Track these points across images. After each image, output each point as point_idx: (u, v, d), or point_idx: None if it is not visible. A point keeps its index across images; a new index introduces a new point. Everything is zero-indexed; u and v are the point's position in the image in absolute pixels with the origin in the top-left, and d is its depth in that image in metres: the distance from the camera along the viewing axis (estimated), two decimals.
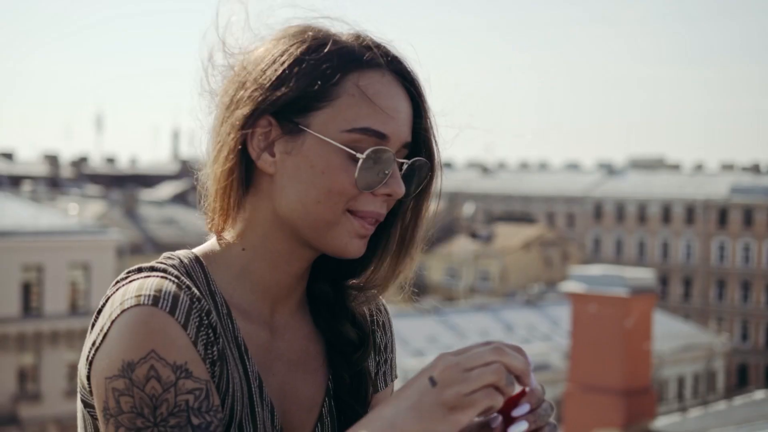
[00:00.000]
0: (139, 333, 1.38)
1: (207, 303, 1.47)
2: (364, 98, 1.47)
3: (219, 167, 1.51)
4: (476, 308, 50.07)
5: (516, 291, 63.39)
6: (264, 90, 1.48)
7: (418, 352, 41.82)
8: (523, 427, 1.36)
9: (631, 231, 79.34)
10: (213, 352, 1.44)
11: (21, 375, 37.94)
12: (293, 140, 1.48)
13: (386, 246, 1.59)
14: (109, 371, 1.38)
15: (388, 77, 1.50)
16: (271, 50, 1.51)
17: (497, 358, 1.28)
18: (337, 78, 1.47)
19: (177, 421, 1.35)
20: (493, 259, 69.71)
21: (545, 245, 72.13)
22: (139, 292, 1.41)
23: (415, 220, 1.59)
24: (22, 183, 61.79)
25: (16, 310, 37.86)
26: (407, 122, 1.51)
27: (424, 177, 1.55)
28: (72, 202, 53.13)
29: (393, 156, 1.48)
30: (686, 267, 76.43)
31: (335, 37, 1.52)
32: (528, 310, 50.82)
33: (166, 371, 1.36)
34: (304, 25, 1.53)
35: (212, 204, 1.55)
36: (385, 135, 1.47)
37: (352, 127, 1.46)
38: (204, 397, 1.38)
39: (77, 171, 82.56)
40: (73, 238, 39.77)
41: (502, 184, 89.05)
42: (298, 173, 1.47)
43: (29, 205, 43.05)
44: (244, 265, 1.54)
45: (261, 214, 1.52)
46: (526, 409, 1.37)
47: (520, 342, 40.42)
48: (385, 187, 1.48)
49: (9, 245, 37.71)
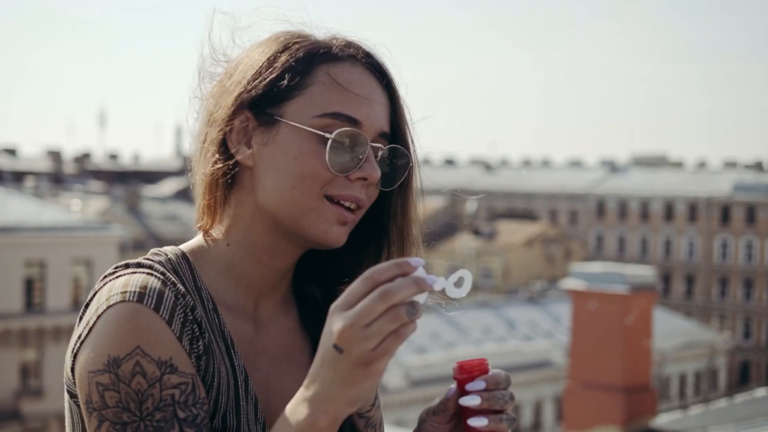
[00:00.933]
0: (124, 329, 1.40)
1: (192, 299, 1.49)
2: (335, 85, 1.51)
3: (204, 166, 1.56)
4: (478, 305, 50.05)
5: (518, 288, 63.43)
6: (241, 87, 1.53)
7: (421, 349, 41.84)
8: (474, 401, 1.42)
9: (633, 228, 79.31)
10: (198, 346, 1.46)
11: (23, 371, 37.98)
12: (269, 131, 1.51)
13: (379, 246, 1.62)
14: (93, 365, 1.41)
15: (360, 68, 1.54)
16: (250, 53, 1.57)
17: (387, 303, 1.26)
18: (308, 68, 1.51)
19: (163, 415, 1.38)
20: (496, 257, 69.74)
21: (548, 242, 72.14)
22: (125, 288, 1.44)
23: (405, 218, 1.62)
24: (25, 179, 61.85)
25: (19, 305, 37.90)
26: (382, 112, 1.54)
27: (404, 168, 1.58)
28: (75, 198, 53.19)
29: (366, 139, 1.50)
30: (689, 264, 76.40)
31: (308, 35, 1.57)
32: (530, 308, 50.84)
33: (152, 367, 1.39)
34: (283, 31, 1.58)
35: (201, 202, 1.58)
36: (357, 120, 1.50)
37: (324, 112, 1.49)
38: (190, 390, 1.41)
39: (80, 167, 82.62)
40: (75, 234, 39.80)
41: (505, 181, 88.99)
42: (273, 162, 1.51)
43: (32, 201, 43.06)
44: (228, 260, 1.57)
45: (244, 209, 1.55)
46: (481, 386, 1.43)
47: (523, 340, 40.28)
48: (360, 170, 1.50)
49: (12, 241, 37.74)
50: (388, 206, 1.61)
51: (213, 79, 1.60)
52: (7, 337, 37.37)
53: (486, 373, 1.45)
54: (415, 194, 1.63)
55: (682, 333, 51.52)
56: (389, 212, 1.62)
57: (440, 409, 1.51)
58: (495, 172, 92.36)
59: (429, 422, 1.53)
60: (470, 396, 1.43)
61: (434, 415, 1.52)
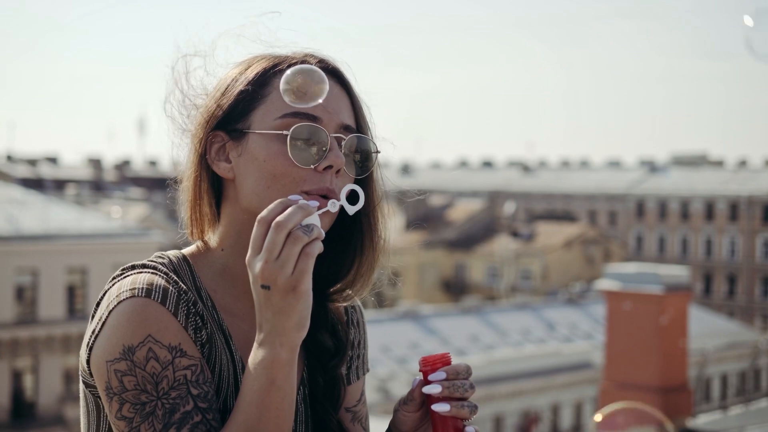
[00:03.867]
0: (135, 321, 1.57)
1: (193, 295, 1.66)
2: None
3: (188, 184, 1.74)
4: (518, 307, 49.91)
5: (557, 289, 63.14)
6: (212, 112, 1.70)
7: (460, 351, 41.80)
8: (436, 389, 1.57)
9: (673, 228, 78.75)
10: (202, 335, 1.63)
11: (66, 376, 38.39)
12: (241, 143, 1.67)
13: (359, 251, 1.76)
14: (110, 355, 1.57)
15: (317, 72, 1.64)
16: (221, 79, 1.74)
17: (284, 231, 1.48)
18: (266, 78, 1.67)
19: (178, 393, 1.55)
20: (535, 258, 69.53)
21: (587, 243, 71.79)
22: (134, 285, 1.61)
23: (377, 223, 1.77)
24: (67, 186, 62.52)
25: (62, 312, 38.33)
26: (343, 108, 1.68)
27: (373, 157, 1.71)
28: (115, 205, 53.70)
29: (324, 131, 1.64)
30: (730, 264, 75.75)
31: (272, 54, 1.73)
32: (569, 309, 50.57)
33: (163, 352, 1.56)
34: (247, 56, 1.75)
35: (186, 215, 1.76)
36: (315, 116, 1.64)
37: (283, 113, 1.64)
38: (200, 371, 1.58)
39: (120, 174, 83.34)
40: (116, 240, 40.20)
41: (543, 182, 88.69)
42: (248, 168, 1.66)
43: (73, 209, 43.57)
44: (224, 263, 1.73)
45: (234, 218, 1.71)
46: (442, 376, 1.59)
47: (563, 341, 39.95)
48: (325, 160, 1.64)
49: (54, 248, 38.19)
50: (361, 216, 1.75)
51: (189, 109, 1.78)
52: (51, 343, 37.80)
53: (448, 364, 1.60)
54: (379, 185, 1.76)
55: (724, 333, 51.09)
56: (362, 220, 1.76)
57: (408, 399, 1.66)
58: (533, 173, 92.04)
59: (401, 412, 1.68)
60: (432, 385, 1.58)
61: (404, 404, 1.67)
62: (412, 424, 1.66)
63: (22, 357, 37.49)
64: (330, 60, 1.73)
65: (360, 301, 1.89)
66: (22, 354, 37.43)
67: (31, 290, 37.97)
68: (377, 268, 1.79)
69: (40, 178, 69.07)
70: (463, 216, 73.48)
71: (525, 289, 67.36)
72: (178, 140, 1.79)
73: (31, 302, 38.01)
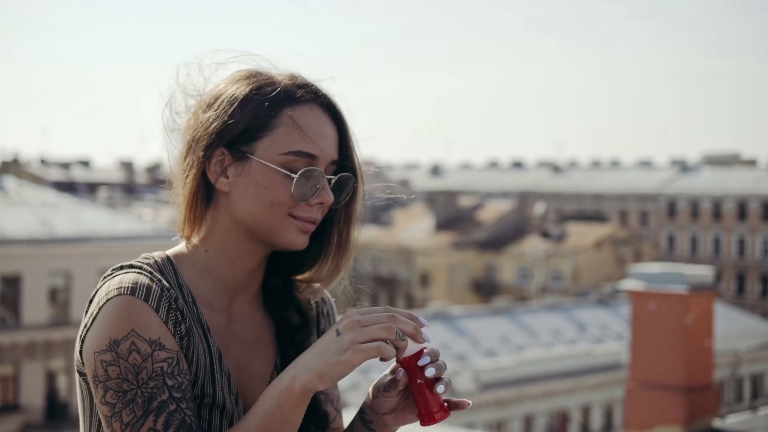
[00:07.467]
0: (121, 316, 1.77)
1: (175, 292, 1.85)
2: (296, 127, 1.87)
3: (186, 189, 1.92)
4: (548, 308, 49.87)
5: (588, 290, 63.03)
6: (217, 127, 1.89)
7: (491, 352, 41.84)
8: (432, 372, 1.77)
9: (705, 228, 78.37)
10: (181, 329, 1.82)
11: None
12: (242, 165, 1.88)
13: (327, 247, 2.00)
14: (97, 347, 1.76)
15: (316, 109, 1.90)
16: (223, 92, 1.92)
17: (391, 322, 1.71)
18: (274, 112, 1.88)
19: (155, 383, 1.74)
20: (565, 259, 69.44)
21: (617, 244, 71.59)
22: (120, 284, 1.80)
23: (348, 224, 2.00)
24: (99, 189, 63.17)
25: None
26: (333, 144, 1.92)
27: (350, 188, 1.95)
28: (146, 207, 54.20)
29: (322, 173, 1.88)
30: (763, 264, 75.28)
31: (273, 78, 1.93)
32: (600, 309, 50.45)
33: (144, 345, 1.75)
34: (248, 71, 1.95)
35: (181, 216, 1.95)
36: (314, 155, 1.87)
37: (288, 151, 1.86)
38: (175, 363, 1.78)
39: (152, 177, 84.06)
40: (147, 243, 40.52)
41: (574, 182, 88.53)
42: (247, 190, 1.87)
43: (105, 211, 44.04)
44: (207, 263, 1.94)
45: (220, 224, 1.92)
46: (428, 360, 1.78)
47: (593, 342, 39.78)
48: (317, 197, 1.88)
49: (86, 251, 38.66)
50: (334, 214, 1.98)
51: (185, 113, 1.97)
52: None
53: (423, 352, 1.79)
54: (358, 205, 2.00)
55: (757, 333, 50.77)
56: (333, 219, 1.99)
57: (390, 386, 1.83)
58: (563, 173, 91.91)
59: (381, 398, 1.86)
60: (428, 368, 1.77)
61: (385, 391, 1.85)
62: (392, 407, 1.85)
63: (55, 358, 37.97)
64: (327, 92, 1.93)
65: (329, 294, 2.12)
66: (56, 355, 37.90)
67: (64, 292, 38.47)
68: (344, 267, 2.00)
69: (73, 181, 69.79)
70: (493, 217, 73.52)
71: (555, 289, 67.28)
72: (173, 139, 1.98)
73: (64, 304, 38.51)
